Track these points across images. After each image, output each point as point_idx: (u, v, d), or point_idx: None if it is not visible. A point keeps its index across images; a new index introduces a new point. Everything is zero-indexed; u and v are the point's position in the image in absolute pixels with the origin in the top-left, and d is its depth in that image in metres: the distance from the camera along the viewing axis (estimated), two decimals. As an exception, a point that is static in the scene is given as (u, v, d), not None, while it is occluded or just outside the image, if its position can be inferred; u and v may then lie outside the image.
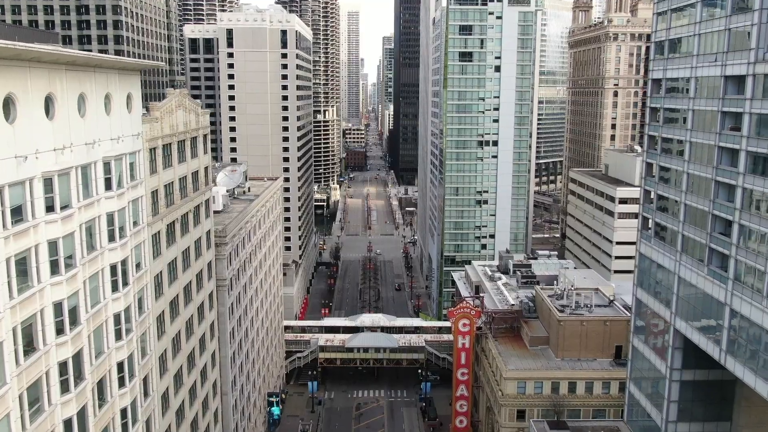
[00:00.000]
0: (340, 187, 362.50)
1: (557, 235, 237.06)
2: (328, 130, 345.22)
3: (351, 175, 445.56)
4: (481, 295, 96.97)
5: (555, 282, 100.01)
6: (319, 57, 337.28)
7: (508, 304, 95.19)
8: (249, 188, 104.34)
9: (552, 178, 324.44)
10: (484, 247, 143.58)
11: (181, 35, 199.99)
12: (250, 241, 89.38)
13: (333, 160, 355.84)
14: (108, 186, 40.45)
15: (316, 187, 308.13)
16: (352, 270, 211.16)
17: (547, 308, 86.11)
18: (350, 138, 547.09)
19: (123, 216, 42.34)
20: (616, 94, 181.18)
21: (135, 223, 45.11)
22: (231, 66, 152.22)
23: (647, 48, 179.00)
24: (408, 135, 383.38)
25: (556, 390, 78.89)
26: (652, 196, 62.29)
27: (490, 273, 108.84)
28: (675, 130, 57.24)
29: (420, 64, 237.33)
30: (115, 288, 41.48)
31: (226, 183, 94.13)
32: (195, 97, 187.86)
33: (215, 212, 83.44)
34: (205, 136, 64.30)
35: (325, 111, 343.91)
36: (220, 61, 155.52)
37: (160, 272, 51.31)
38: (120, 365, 42.40)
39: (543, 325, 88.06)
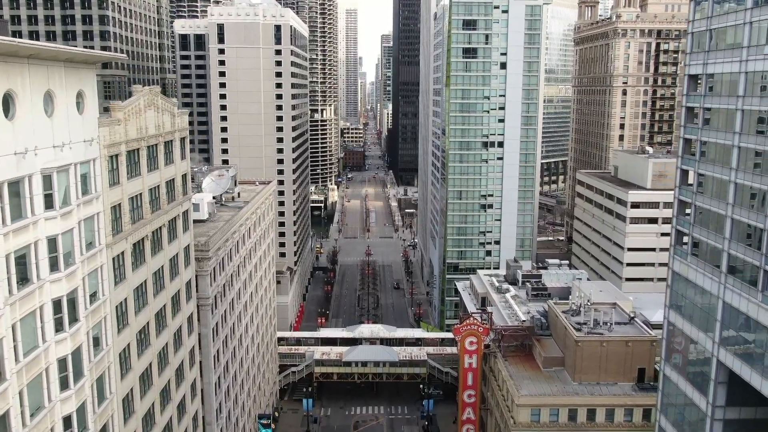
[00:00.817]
0: (338, 188, 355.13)
1: (562, 238, 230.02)
2: (325, 129, 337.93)
3: (349, 176, 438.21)
4: (489, 310, 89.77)
5: (569, 295, 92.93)
6: (316, 55, 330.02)
7: (519, 319, 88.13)
8: (239, 193, 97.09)
9: (554, 178, 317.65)
10: (488, 253, 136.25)
11: (173, 31, 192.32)
12: (238, 252, 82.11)
13: (331, 160, 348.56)
14: (49, 204, 33.13)
15: (313, 188, 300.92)
16: (350, 275, 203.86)
17: (562, 326, 78.93)
18: (348, 137, 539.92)
19: (70, 239, 35.02)
20: (624, 93, 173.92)
21: (89, 246, 37.81)
22: (222, 63, 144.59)
23: (657, 44, 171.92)
24: (407, 134, 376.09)
25: (574, 418, 71.79)
26: (687, 208, 55.08)
27: (497, 284, 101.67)
28: (719, 133, 49.97)
29: (420, 61, 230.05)
30: (59, 327, 34.18)
31: (212, 189, 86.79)
32: (186, 96, 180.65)
33: (200, 221, 76.36)
34: (182, 139, 56.96)
35: (322, 110, 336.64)
36: (210, 58, 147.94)
37: (125, 300, 44.01)
38: (67, 420, 35.13)
39: (557, 344, 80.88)
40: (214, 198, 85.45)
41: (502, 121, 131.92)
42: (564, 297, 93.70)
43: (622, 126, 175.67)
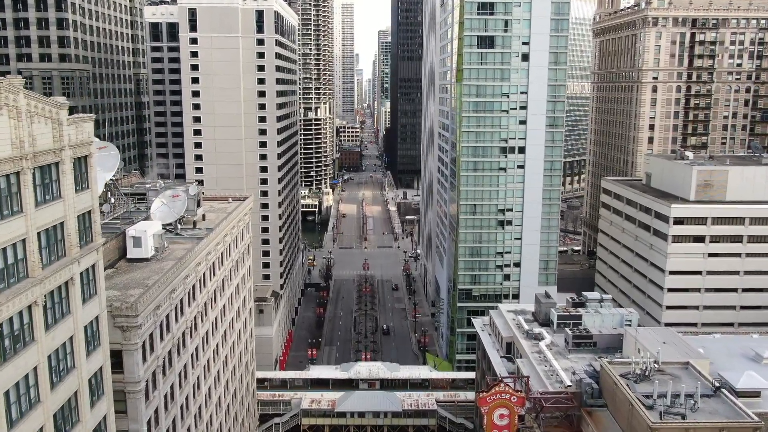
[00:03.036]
0: (333, 191, 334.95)
1: (577, 249, 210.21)
2: (320, 128, 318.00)
3: (345, 177, 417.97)
4: (525, 372, 69.93)
5: (619, 343, 73.58)
6: (310, 49, 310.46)
7: (560, 380, 68.34)
8: (203, 216, 77.14)
9: (561, 180, 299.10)
10: (507, 278, 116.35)
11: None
12: (195, 299, 62.25)
13: (325, 161, 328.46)
14: None
15: (307, 192, 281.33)
16: (346, 292, 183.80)
17: (624, 399, 59.17)
18: (344, 136, 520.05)
19: None
20: (654, 90, 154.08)
21: None
22: (194, 54, 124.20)
23: (693, 35, 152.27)
24: (407, 134, 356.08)
25: None
26: None
27: (526, 327, 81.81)
28: None
29: (423, 55, 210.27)
30: None
31: (163, 215, 66.60)
32: (158, 93, 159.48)
33: (142, 261, 56.93)
34: (82, 159, 37.05)
35: (316, 108, 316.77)
36: (181, 49, 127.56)
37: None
38: None
39: (616, 420, 61.15)
40: (166, 227, 65.63)
41: (523, 122, 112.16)
42: (614, 347, 74.32)
43: (651, 127, 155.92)
